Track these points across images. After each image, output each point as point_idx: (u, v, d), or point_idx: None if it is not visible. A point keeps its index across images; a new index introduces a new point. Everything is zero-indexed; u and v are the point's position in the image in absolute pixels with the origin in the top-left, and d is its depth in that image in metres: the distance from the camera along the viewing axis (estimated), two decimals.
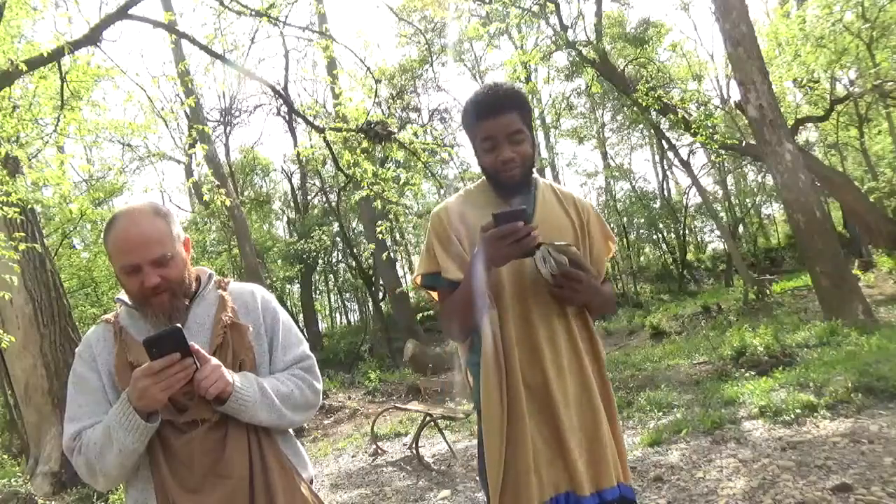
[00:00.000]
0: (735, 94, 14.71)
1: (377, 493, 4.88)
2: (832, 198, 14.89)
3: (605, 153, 23.46)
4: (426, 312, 12.35)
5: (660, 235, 21.89)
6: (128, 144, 18.71)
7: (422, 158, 7.10)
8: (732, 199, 21.85)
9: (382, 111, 15.17)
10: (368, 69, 6.83)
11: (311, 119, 6.69)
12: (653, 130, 17.80)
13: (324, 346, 18.65)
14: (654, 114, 13.35)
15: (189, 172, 18.94)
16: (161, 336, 1.24)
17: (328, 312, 28.50)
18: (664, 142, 17.04)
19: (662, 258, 22.35)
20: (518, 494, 1.49)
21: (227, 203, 8.22)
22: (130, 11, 5.01)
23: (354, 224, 22.05)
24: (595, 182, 25.07)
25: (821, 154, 18.57)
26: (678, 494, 3.51)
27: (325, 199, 20.34)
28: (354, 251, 19.27)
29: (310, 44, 17.07)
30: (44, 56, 4.80)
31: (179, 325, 1.26)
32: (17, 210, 5.49)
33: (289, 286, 21.41)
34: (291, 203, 22.59)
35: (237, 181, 19.47)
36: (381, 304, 18.57)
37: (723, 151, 12.27)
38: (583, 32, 12.77)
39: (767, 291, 11.65)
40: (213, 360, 1.32)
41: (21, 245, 5.50)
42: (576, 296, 1.57)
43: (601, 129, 22.87)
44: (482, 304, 1.56)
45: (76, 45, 4.88)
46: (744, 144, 11.70)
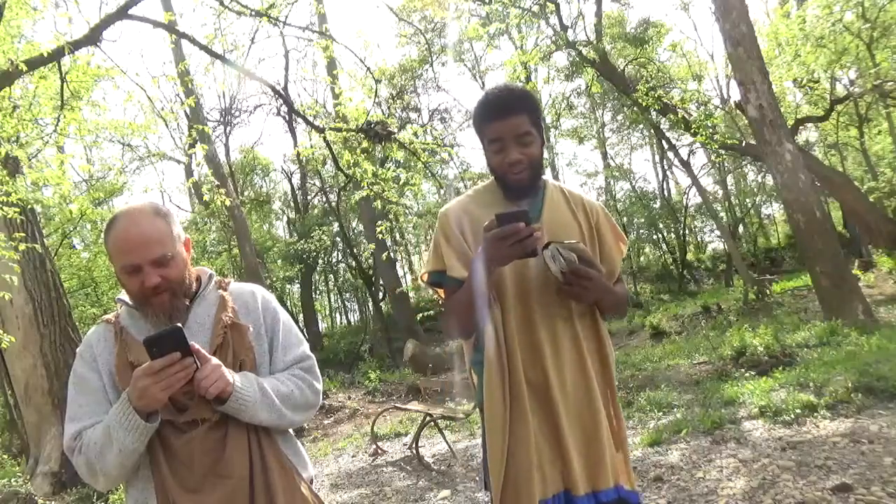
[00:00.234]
0: (735, 94, 14.72)
1: (377, 493, 4.88)
2: (832, 198, 14.88)
3: (605, 153, 23.46)
4: (426, 312, 12.37)
5: (660, 235, 21.88)
6: (128, 144, 18.72)
7: (422, 158, 7.10)
8: (732, 199, 21.84)
9: (382, 111, 15.18)
10: (368, 69, 6.83)
11: (311, 119, 6.68)
12: (653, 130, 17.79)
13: (324, 346, 18.64)
14: (654, 114, 13.35)
15: (189, 172, 18.95)
16: (161, 335, 1.24)
17: (328, 312, 28.49)
18: (664, 142, 17.03)
19: (662, 258, 22.34)
20: (519, 491, 1.50)
21: (227, 203, 8.22)
22: (130, 11, 5.01)
23: (354, 224, 22.04)
24: (595, 182, 25.09)
25: (821, 154, 18.56)
26: (678, 494, 3.51)
27: (325, 199, 20.34)
28: (354, 251, 19.27)
29: (310, 44, 17.08)
30: (44, 56, 4.80)
31: (180, 325, 1.26)
32: (17, 210, 5.49)
33: (289, 286, 21.41)
34: (291, 203, 22.59)
35: (237, 181, 19.47)
36: (381, 304, 18.58)
37: (723, 151, 12.27)
38: (583, 32, 12.79)
39: (767, 291, 11.65)
40: (214, 360, 1.32)
41: (21, 245, 5.50)
42: (586, 293, 1.57)
43: (601, 129, 22.86)
44: (483, 304, 1.56)
45: (76, 45, 4.88)
46: (744, 144, 11.70)
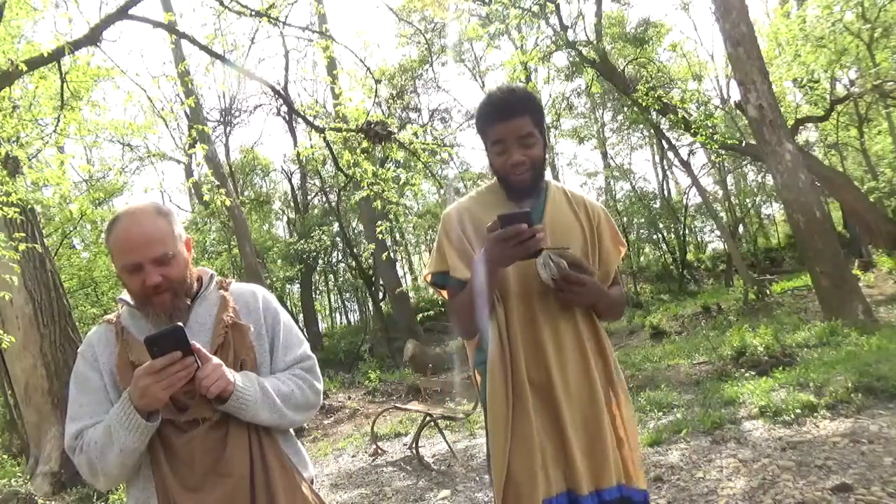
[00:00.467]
0: (735, 94, 14.72)
1: (377, 493, 4.88)
2: (832, 198, 14.89)
3: (606, 153, 23.46)
4: (426, 312, 12.36)
5: (660, 235, 21.88)
6: (128, 144, 18.73)
7: (422, 158, 7.09)
8: (732, 199, 21.85)
9: (382, 111, 15.18)
10: (368, 69, 6.83)
11: (311, 119, 6.68)
12: (653, 130, 17.79)
13: (324, 346, 18.64)
14: (654, 114, 13.34)
15: (189, 172, 18.96)
16: (162, 335, 1.24)
17: (328, 312, 28.49)
18: (664, 142, 17.03)
19: (662, 258, 22.33)
20: (521, 491, 1.50)
21: (227, 203, 8.21)
22: (130, 11, 5.01)
23: (354, 224, 22.04)
24: (595, 182, 25.08)
25: (821, 154, 18.57)
26: (678, 494, 3.51)
27: (325, 199, 20.34)
28: (354, 251, 19.27)
29: (310, 44, 17.09)
30: (44, 56, 4.80)
31: (181, 324, 1.26)
32: (17, 210, 5.49)
33: (289, 286, 21.40)
34: (291, 203, 22.59)
35: (237, 181, 19.47)
36: (381, 304, 18.58)
37: (723, 151, 12.28)
38: (583, 32, 12.80)
39: (767, 291, 11.65)
40: (215, 359, 1.32)
41: (21, 245, 5.50)
42: (578, 298, 1.59)
43: (601, 129, 22.87)
44: (485, 304, 1.57)
45: (76, 46, 4.88)
46: (744, 144, 11.70)
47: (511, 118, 1.61)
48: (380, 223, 7.63)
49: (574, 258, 1.59)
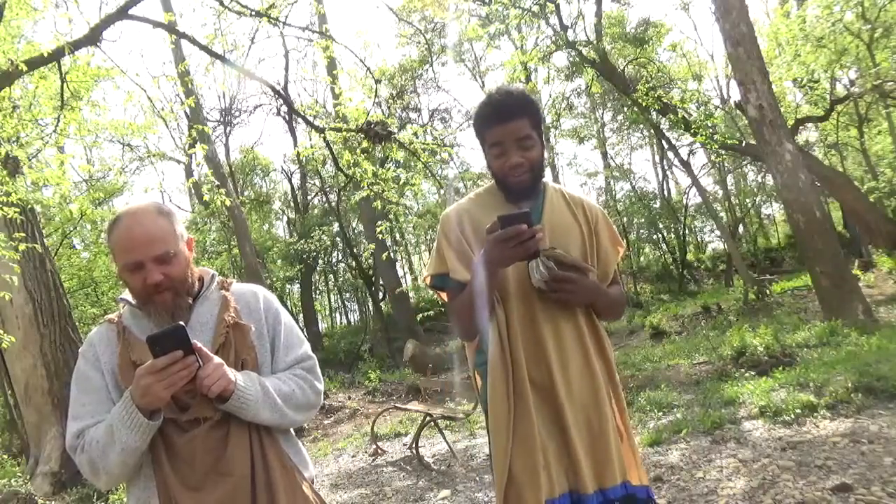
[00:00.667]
0: (735, 94, 14.72)
1: (377, 493, 4.88)
2: (832, 198, 14.89)
3: (606, 153, 23.45)
4: (426, 312, 12.36)
5: (660, 235, 21.87)
6: (128, 144, 18.72)
7: (422, 158, 7.09)
8: (732, 199, 21.85)
9: (382, 111, 15.18)
10: (368, 69, 6.82)
11: (311, 119, 6.68)
12: (653, 130, 17.79)
13: (324, 346, 18.64)
14: (654, 114, 13.34)
15: (189, 172, 18.95)
16: (164, 334, 1.24)
17: (328, 312, 28.48)
18: (664, 142, 17.03)
19: (662, 258, 22.33)
20: (522, 492, 1.50)
21: (227, 203, 8.20)
22: (130, 11, 5.01)
23: (354, 224, 22.04)
24: (595, 182, 25.08)
25: (821, 154, 18.57)
26: (678, 494, 3.51)
27: (325, 199, 20.33)
28: (354, 251, 19.27)
29: (310, 44, 17.09)
30: (44, 56, 4.80)
31: (182, 324, 1.27)
32: (17, 210, 5.50)
33: (289, 286, 21.40)
34: (291, 203, 22.59)
35: (237, 181, 19.47)
36: (381, 304, 18.57)
37: (723, 151, 12.27)
38: (583, 32, 12.78)
39: (767, 291, 11.64)
40: (216, 359, 1.32)
41: (21, 245, 5.50)
42: (573, 296, 1.59)
43: (601, 129, 22.86)
44: (485, 305, 1.58)
45: (76, 46, 4.88)
46: (744, 144, 11.70)
47: (509, 120, 1.62)
48: (380, 223, 7.63)
49: (565, 258, 1.59)
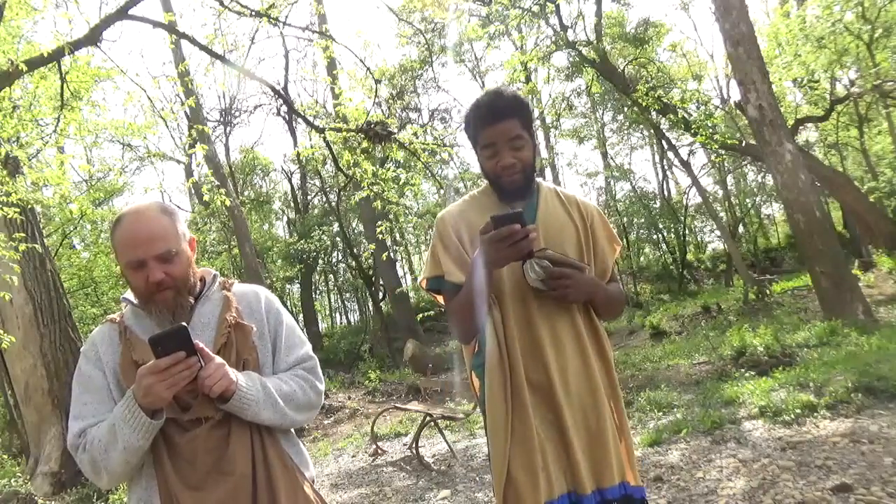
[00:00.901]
0: (735, 94, 14.73)
1: (377, 493, 4.88)
2: (832, 198, 14.90)
3: (606, 153, 23.45)
4: (426, 312, 12.38)
5: (660, 235, 21.87)
6: (128, 145, 18.72)
7: (422, 158, 7.09)
8: (732, 199, 21.85)
9: (382, 111, 15.17)
10: (368, 69, 6.81)
11: (311, 119, 6.68)
12: (653, 130, 17.80)
13: (324, 346, 18.65)
14: (654, 114, 13.34)
15: (189, 172, 18.94)
16: (166, 334, 1.24)
17: (328, 312, 28.50)
18: (664, 142, 17.02)
19: (662, 258, 22.33)
20: (521, 493, 1.49)
21: (227, 203, 8.20)
22: (130, 12, 5.01)
23: (354, 224, 22.04)
24: (595, 182, 25.09)
25: (821, 154, 18.57)
26: (678, 494, 3.51)
27: (325, 199, 20.34)
28: (354, 251, 19.26)
29: (310, 44, 17.10)
30: (44, 56, 4.80)
31: (185, 324, 1.27)
32: (17, 210, 5.50)
33: (289, 286, 21.41)
34: (291, 203, 22.60)
35: (237, 181, 19.48)
36: (381, 304, 18.57)
37: (723, 151, 12.26)
38: (583, 32, 12.77)
39: (767, 291, 11.64)
40: (218, 359, 1.32)
41: (21, 245, 5.50)
42: (571, 293, 1.58)
43: (601, 129, 22.86)
44: (481, 307, 1.57)
45: (76, 46, 4.88)
46: (744, 144, 11.70)
47: (500, 121, 1.62)
48: (380, 223, 7.63)
49: (557, 257, 1.58)
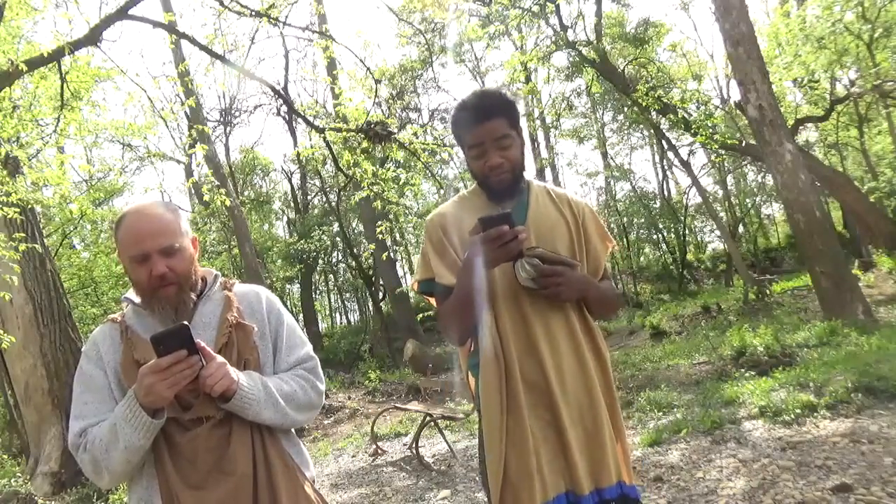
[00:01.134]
0: (735, 94, 14.73)
1: (377, 493, 4.88)
2: (832, 198, 14.90)
3: (606, 153, 23.46)
4: (426, 312, 12.39)
5: (660, 235, 21.88)
6: (128, 145, 18.71)
7: (422, 158, 7.09)
8: (732, 199, 21.85)
9: (382, 111, 15.17)
10: (368, 69, 6.81)
11: (311, 119, 6.68)
12: (653, 130, 17.80)
13: (324, 346, 18.65)
14: (654, 114, 13.34)
15: (189, 172, 18.93)
16: (168, 333, 1.25)
17: (328, 312, 28.50)
18: (664, 142, 17.03)
19: (662, 258, 22.34)
20: (519, 496, 1.48)
21: (227, 203, 8.20)
22: (130, 12, 5.01)
23: (354, 224, 22.05)
24: (595, 182, 25.10)
25: (821, 154, 18.57)
26: (678, 494, 3.51)
27: (325, 199, 20.34)
28: (354, 251, 19.26)
29: (310, 44, 17.10)
30: (44, 56, 4.80)
31: (186, 323, 1.27)
32: (17, 210, 5.50)
33: (289, 286, 21.41)
34: (291, 203, 22.60)
35: (237, 181, 19.48)
36: (381, 304, 18.57)
37: (723, 151, 12.27)
38: (583, 32, 12.78)
39: (767, 291, 11.64)
40: (219, 358, 1.33)
41: (21, 245, 5.50)
42: (563, 291, 1.56)
43: (601, 129, 22.87)
44: (473, 309, 1.55)
45: (76, 46, 4.88)
46: (744, 144, 11.70)
47: (486, 121, 1.60)
48: (380, 223, 7.63)
49: (548, 254, 1.57)
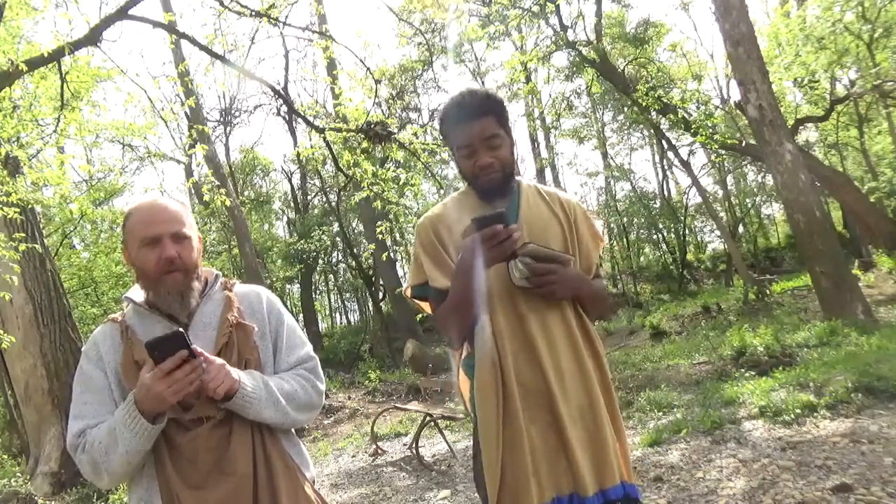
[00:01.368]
0: (735, 94, 14.73)
1: (377, 493, 4.88)
2: (832, 198, 14.90)
3: (606, 153, 23.46)
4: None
5: (660, 235, 21.89)
6: (128, 145, 18.71)
7: (422, 158, 7.09)
8: (732, 199, 21.85)
9: (382, 111, 15.17)
10: (368, 69, 6.80)
11: (311, 119, 6.67)
12: (653, 130, 17.80)
13: (324, 346, 18.65)
14: (654, 114, 13.34)
15: (189, 172, 18.93)
16: (164, 339, 1.24)
17: (328, 312, 28.51)
18: (664, 142, 17.03)
19: (662, 258, 22.34)
20: (516, 499, 1.46)
21: (227, 203, 8.19)
22: (130, 12, 5.00)
23: (354, 224, 22.05)
24: (595, 182, 25.11)
25: (821, 154, 18.57)
26: (678, 494, 3.51)
27: (325, 199, 20.34)
28: (354, 251, 19.27)
29: (310, 44, 17.09)
30: (44, 56, 4.80)
31: (181, 329, 1.26)
32: (17, 210, 5.50)
33: (289, 286, 21.41)
34: (291, 203, 22.61)
35: (237, 181, 19.48)
36: (381, 304, 18.57)
37: (723, 151, 12.27)
38: (583, 32, 12.79)
39: (767, 291, 11.64)
40: (218, 360, 1.33)
41: (21, 245, 5.50)
42: (557, 289, 1.54)
43: (601, 129, 22.87)
44: (469, 310, 1.54)
45: (76, 46, 4.88)
46: (744, 144, 11.70)
47: (474, 120, 1.59)
48: (380, 223, 7.62)
49: (541, 251, 1.55)
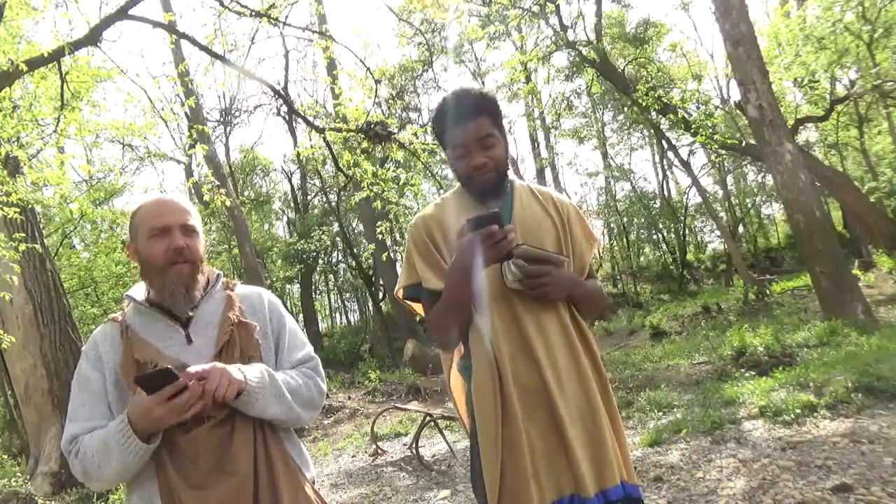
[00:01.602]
0: (735, 94, 14.74)
1: (377, 493, 4.88)
2: (832, 198, 14.91)
3: (606, 153, 23.46)
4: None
5: (660, 235, 21.90)
6: (128, 145, 18.71)
7: (422, 158, 7.08)
8: (732, 199, 21.86)
9: (382, 111, 15.16)
10: (368, 69, 6.80)
11: (311, 119, 6.68)
12: (653, 130, 17.80)
13: (324, 346, 18.65)
14: (654, 114, 13.34)
15: (189, 172, 18.92)
16: (154, 374, 1.25)
17: (328, 312, 28.52)
18: (664, 142, 17.03)
19: (662, 258, 22.34)
20: (518, 501, 1.45)
21: (227, 203, 8.20)
22: (130, 12, 5.00)
23: (354, 224, 22.05)
24: (595, 182, 25.11)
25: (821, 154, 18.58)
26: (678, 494, 3.51)
27: (325, 199, 20.35)
28: (354, 251, 19.27)
29: (310, 44, 17.09)
30: (44, 56, 4.80)
31: (170, 367, 1.27)
32: (17, 210, 5.50)
33: (289, 286, 21.42)
34: (291, 203, 22.62)
35: (237, 181, 19.49)
36: (381, 304, 18.58)
37: (723, 151, 12.28)
38: (583, 32, 12.80)
39: (767, 291, 11.64)
40: (217, 366, 1.32)
41: (21, 245, 5.50)
42: (551, 290, 1.53)
43: (601, 129, 22.87)
44: (464, 311, 1.54)
45: (76, 46, 4.88)
46: (744, 144, 11.70)
47: (469, 120, 1.57)
48: (380, 223, 7.62)
49: (534, 252, 1.54)
